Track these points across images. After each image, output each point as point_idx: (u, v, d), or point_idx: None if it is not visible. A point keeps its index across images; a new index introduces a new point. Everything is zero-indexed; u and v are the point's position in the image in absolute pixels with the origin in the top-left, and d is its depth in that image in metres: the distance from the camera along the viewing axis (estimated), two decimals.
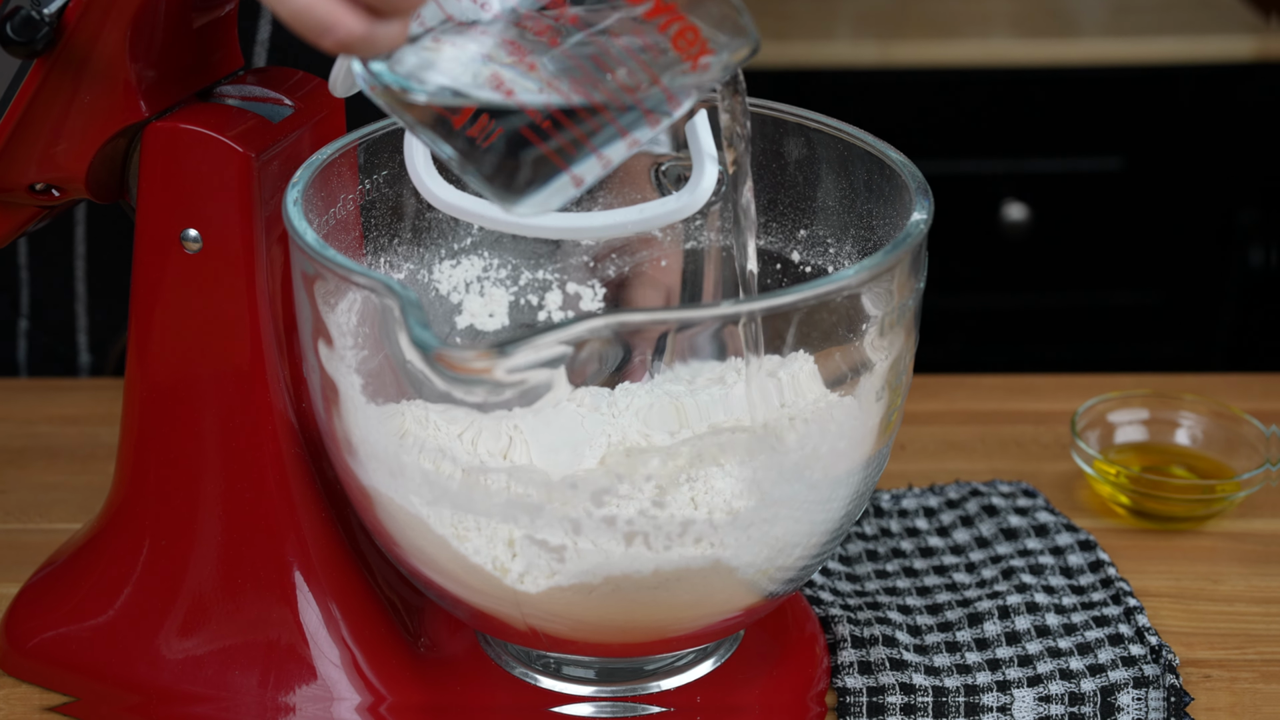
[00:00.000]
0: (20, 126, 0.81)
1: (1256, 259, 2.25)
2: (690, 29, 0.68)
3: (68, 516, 1.06)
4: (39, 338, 1.32)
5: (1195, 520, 1.07)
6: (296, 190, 0.79)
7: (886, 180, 0.84)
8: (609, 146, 0.71)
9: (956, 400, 1.23)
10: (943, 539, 1.04)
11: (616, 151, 0.71)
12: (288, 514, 0.85)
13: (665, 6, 0.68)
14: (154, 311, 0.84)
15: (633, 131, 0.71)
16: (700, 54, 0.69)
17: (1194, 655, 0.94)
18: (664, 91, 0.70)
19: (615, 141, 0.71)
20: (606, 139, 0.71)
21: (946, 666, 0.91)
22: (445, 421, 0.80)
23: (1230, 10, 2.27)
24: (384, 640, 0.87)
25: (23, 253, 1.29)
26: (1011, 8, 2.33)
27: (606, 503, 0.74)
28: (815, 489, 0.78)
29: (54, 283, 1.30)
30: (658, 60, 0.69)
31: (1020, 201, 2.23)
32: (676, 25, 0.68)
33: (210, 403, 0.84)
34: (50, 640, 0.90)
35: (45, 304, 1.31)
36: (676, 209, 0.85)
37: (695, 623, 0.80)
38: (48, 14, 0.77)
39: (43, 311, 1.32)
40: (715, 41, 0.70)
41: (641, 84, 0.70)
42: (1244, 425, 1.10)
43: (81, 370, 1.33)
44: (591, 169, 0.71)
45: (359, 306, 0.77)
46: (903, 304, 0.78)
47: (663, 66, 0.70)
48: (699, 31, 0.69)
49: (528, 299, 0.97)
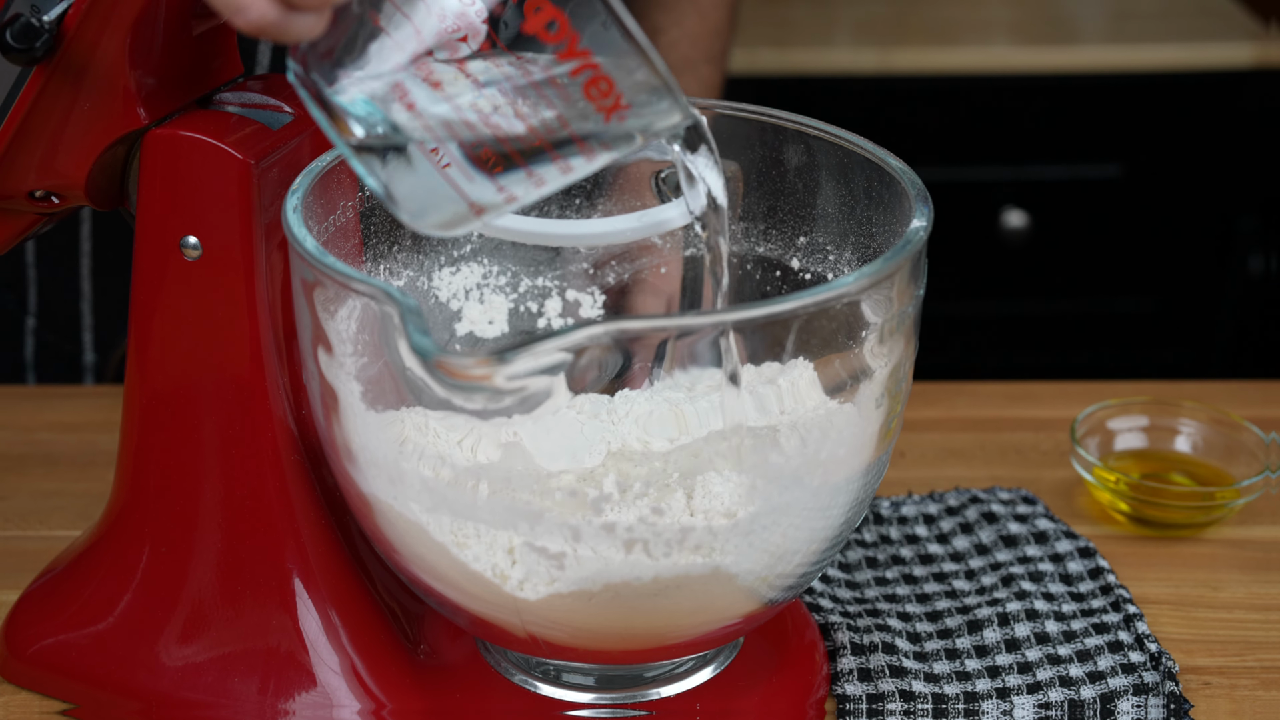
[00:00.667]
0: (20, 134, 0.81)
1: (1256, 266, 2.25)
2: (605, 79, 0.69)
3: (67, 523, 1.06)
4: (45, 336, 1.33)
5: (1195, 527, 1.07)
6: (296, 197, 0.79)
7: (886, 187, 0.84)
8: (515, 186, 0.72)
9: (956, 407, 1.23)
10: (942, 546, 1.04)
11: (520, 189, 0.72)
12: (287, 521, 0.85)
13: (580, 52, 0.68)
14: (153, 318, 0.84)
15: (539, 172, 0.72)
16: (614, 108, 0.69)
17: (1193, 662, 0.94)
18: (572, 137, 0.70)
19: (522, 183, 0.72)
20: (514, 181, 0.72)
21: (946, 673, 0.91)
22: (445, 428, 0.80)
23: (1229, 17, 2.28)
24: (384, 647, 0.87)
25: (30, 251, 1.30)
26: (1011, 15, 2.34)
27: (606, 510, 0.74)
28: (815, 496, 0.78)
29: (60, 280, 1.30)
30: (570, 107, 0.70)
31: (1020, 208, 2.23)
32: (588, 74, 0.69)
33: (210, 410, 0.84)
34: (50, 647, 0.90)
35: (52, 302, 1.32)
36: (676, 216, 0.85)
37: (695, 630, 0.80)
38: (47, 21, 0.77)
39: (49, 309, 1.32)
40: (636, 103, 0.70)
41: (550, 128, 0.70)
42: (1243, 432, 1.10)
43: (86, 369, 1.33)
44: (494, 202, 0.73)
45: (359, 313, 0.77)
46: (902, 311, 0.78)
47: (575, 115, 0.70)
48: (614, 85, 0.69)
49: (527, 306, 0.97)
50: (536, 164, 0.71)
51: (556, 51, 0.68)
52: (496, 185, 0.72)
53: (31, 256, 1.30)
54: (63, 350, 1.33)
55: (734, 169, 0.91)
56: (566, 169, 0.72)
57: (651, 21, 1.43)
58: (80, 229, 1.29)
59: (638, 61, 0.68)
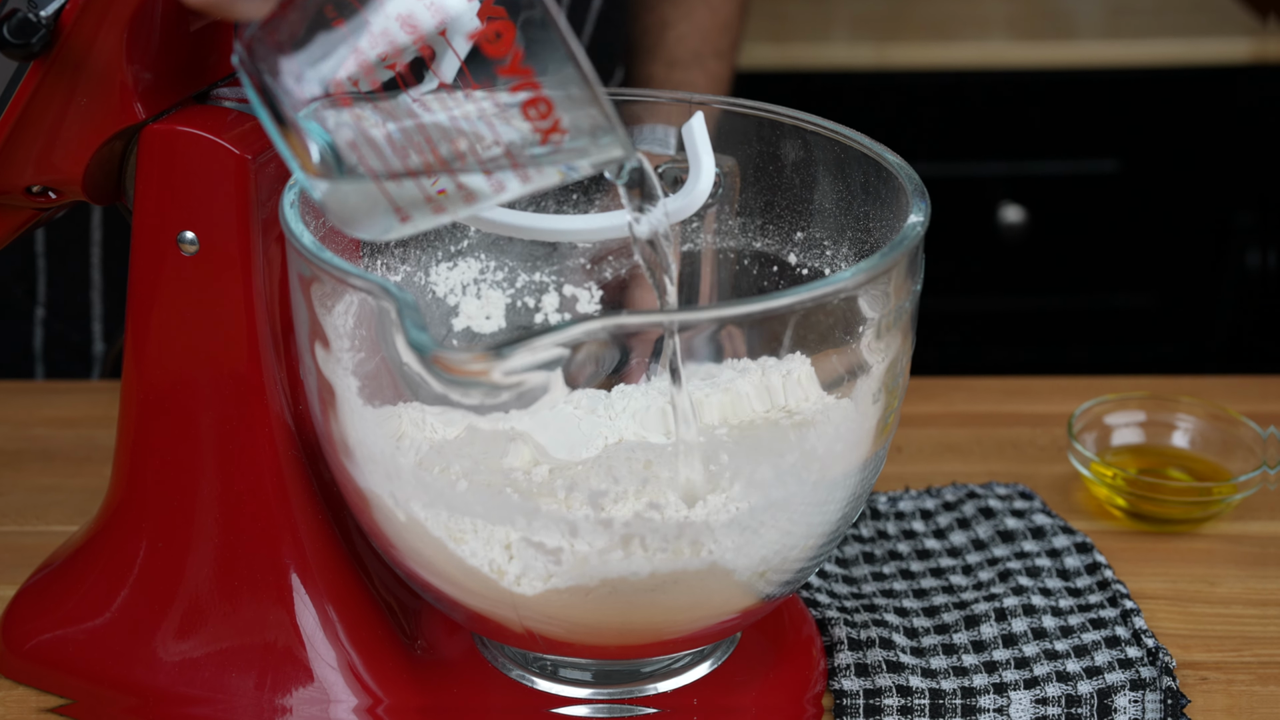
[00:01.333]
0: (17, 129, 0.81)
1: (1253, 261, 2.25)
2: (544, 101, 0.69)
3: (64, 519, 1.06)
4: (54, 325, 1.32)
5: (1192, 522, 1.07)
6: (293, 192, 0.79)
7: (883, 182, 0.84)
8: (450, 201, 0.73)
9: (953, 402, 1.23)
10: (940, 541, 1.04)
11: (450, 203, 0.73)
12: (284, 516, 0.85)
13: (524, 70, 0.68)
14: (151, 314, 0.84)
15: (469, 185, 0.72)
16: (552, 131, 0.69)
17: (1190, 657, 0.94)
18: (507, 154, 0.71)
19: (453, 197, 0.73)
20: (450, 198, 0.73)
21: (943, 669, 0.91)
22: (442, 424, 0.80)
23: (1227, 12, 2.27)
24: (381, 642, 0.87)
25: (40, 240, 1.29)
26: (1008, 10, 2.34)
27: (603, 505, 0.74)
28: (812, 491, 0.78)
29: (70, 270, 1.30)
30: (506, 126, 0.70)
31: (1017, 204, 2.23)
32: (528, 93, 0.68)
33: (207, 405, 0.84)
34: (47, 642, 0.90)
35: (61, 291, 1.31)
36: (674, 211, 0.85)
37: (692, 625, 0.80)
38: (44, 16, 0.77)
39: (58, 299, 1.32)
40: (575, 130, 0.70)
41: (484, 140, 0.70)
42: (1240, 427, 1.10)
43: (95, 360, 1.33)
44: (423, 214, 0.73)
45: (356, 309, 0.77)
46: (899, 306, 0.78)
47: (510, 134, 0.70)
48: (553, 107, 0.69)
49: (524, 301, 0.97)
50: (467, 176, 0.71)
51: (499, 67, 0.68)
52: (425, 195, 0.72)
53: (41, 246, 1.30)
54: (71, 340, 1.32)
55: (731, 164, 0.91)
56: (499, 186, 0.72)
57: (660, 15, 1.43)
58: (91, 218, 1.28)
59: (582, 91, 0.68)
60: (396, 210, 0.73)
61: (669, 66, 1.42)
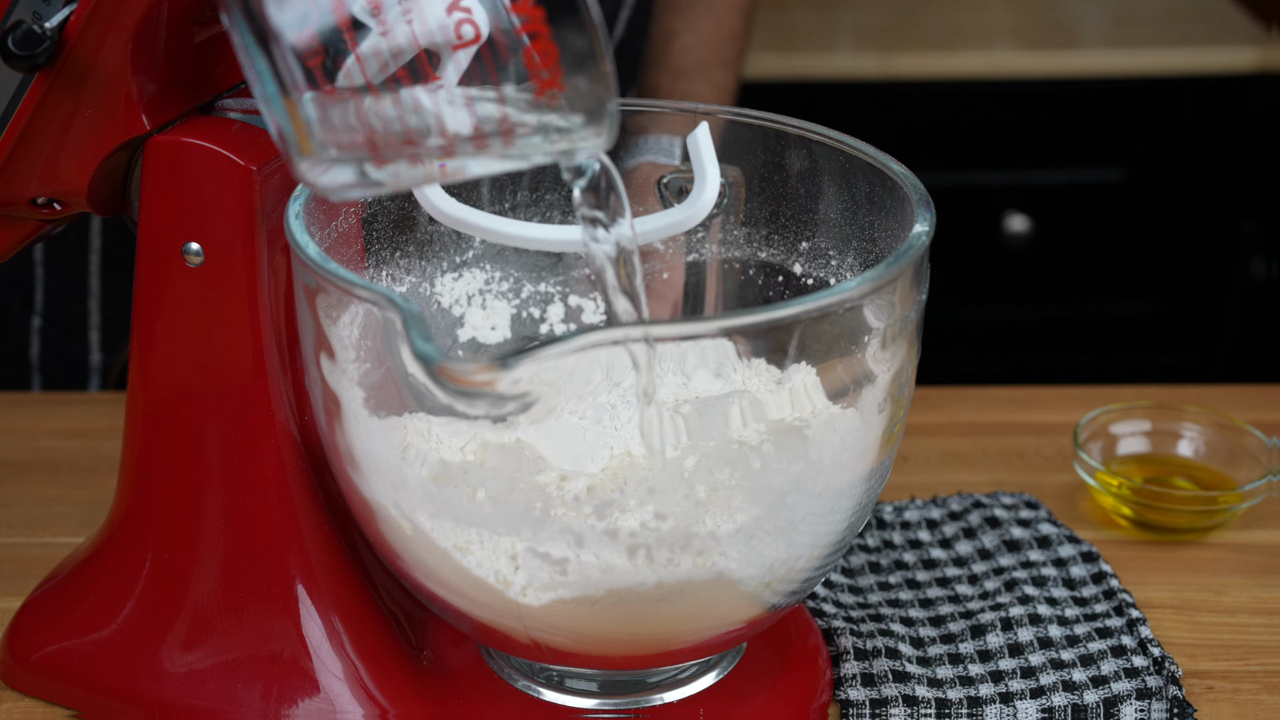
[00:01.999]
0: (22, 140, 0.81)
1: (1258, 270, 2.25)
2: (550, 47, 0.68)
3: (70, 530, 1.06)
4: (52, 335, 1.32)
5: (1198, 531, 1.07)
6: (299, 203, 0.79)
7: (888, 192, 0.84)
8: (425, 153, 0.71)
9: (959, 412, 1.23)
10: (945, 551, 1.04)
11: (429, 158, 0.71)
12: (290, 527, 0.85)
13: (535, 10, 0.67)
14: (156, 325, 0.84)
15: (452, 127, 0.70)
16: (550, 84, 0.69)
17: (1197, 667, 0.94)
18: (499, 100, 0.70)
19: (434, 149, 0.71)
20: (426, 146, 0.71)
21: (949, 678, 0.91)
22: (448, 434, 0.80)
23: (1231, 21, 2.28)
24: (387, 653, 0.87)
25: (39, 250, 1.29)
26: (1013, 20, 2.34)
27: (609, 515, 0.74)
28: (818, 501, 0.78)
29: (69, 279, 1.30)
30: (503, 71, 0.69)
31: (1022, 213, 2.23)
32: (539, 34, 0.68)
33: (212, 416, 0.84)
34: (53, 654, 0.90)
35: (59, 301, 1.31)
36: (679, 221, 0.85)
37: (698, 635, 0.80)
38: (49, 28, 0.77)
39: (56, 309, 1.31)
40: (572, 92, 0.69)
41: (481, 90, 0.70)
42: (1246, 436, 1.10)
43: (93, 370, 1.33)
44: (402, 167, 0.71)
45: (361, 320, 0.77)
46: (905, 316, 0.78)
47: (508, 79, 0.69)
48: (556, 57, 0.68)
49: (530, 312, 0.97)
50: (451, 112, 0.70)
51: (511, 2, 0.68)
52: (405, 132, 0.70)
53: (39, 255, 1.30)
54: (69, 350, 1.32)
55: (736, 174, 0.91)
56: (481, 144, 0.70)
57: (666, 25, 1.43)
58: (90, 226, 1.28)
59: (588, 44, 0.67)
60: (372, 148, 0.70)
61: (674, 76, 1.43)
